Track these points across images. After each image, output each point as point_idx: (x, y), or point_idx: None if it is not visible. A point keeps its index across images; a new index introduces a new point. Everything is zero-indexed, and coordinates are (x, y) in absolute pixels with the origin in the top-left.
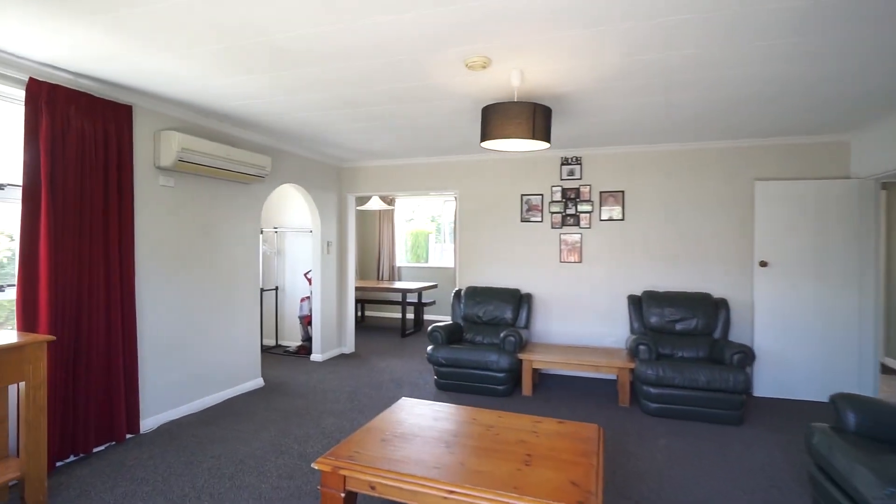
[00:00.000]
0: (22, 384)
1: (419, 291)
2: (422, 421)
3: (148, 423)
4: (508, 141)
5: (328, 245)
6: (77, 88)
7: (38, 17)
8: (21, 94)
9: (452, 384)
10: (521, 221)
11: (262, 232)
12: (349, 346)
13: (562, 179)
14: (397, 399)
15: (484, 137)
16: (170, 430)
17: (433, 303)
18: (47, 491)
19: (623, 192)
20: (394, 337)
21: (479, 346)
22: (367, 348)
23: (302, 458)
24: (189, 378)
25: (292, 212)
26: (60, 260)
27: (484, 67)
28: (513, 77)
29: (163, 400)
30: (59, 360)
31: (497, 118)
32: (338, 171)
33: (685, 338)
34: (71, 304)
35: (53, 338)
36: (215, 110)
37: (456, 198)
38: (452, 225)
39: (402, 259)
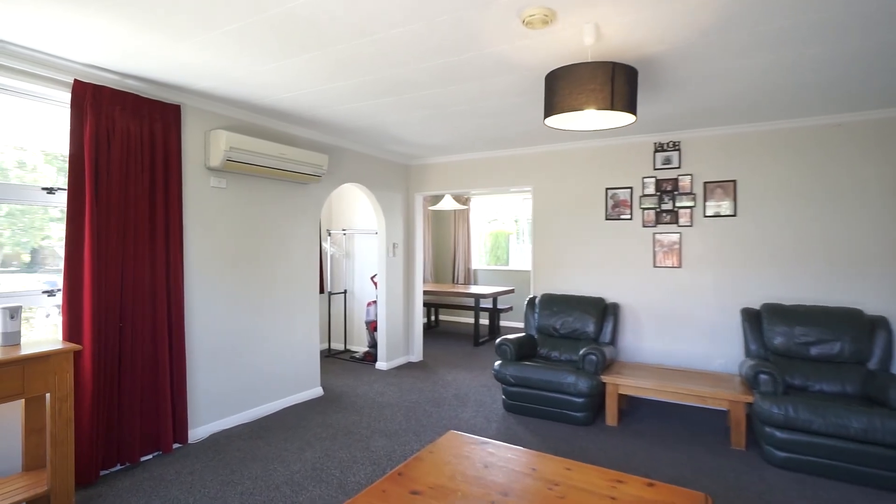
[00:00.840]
0: (48, 395)
1: (494, 297)
2: (467, 467)
3: (198, 432)
4: (580, 116)
5: (394, 247)
6: (123, 89)
7: (83, 15)
8: (67, 96)
9: (522, 406)
10: (607, 219)
11: (329, 234)
12: (416, 354)
13: (655, 169)
14: (458, 419)
15: (549, 112)
16: (218, 442)
17: (510, 309)
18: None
19: (734, 181)
20: (466, 345)
21: (555, 363)
22: (436, 357)
23: (340, 490)
24: (242, 387)
25: (361, 213)
26: (103, 264)
27: (546, 23)
28: (585, 34)
29: (214, 409)
30: (103, 367)
31: (564, 85)
32: (406, 170)
33: (825, 366)
34: (114, 309)
35: (80, 347)
36: (265, 106)
37: (531, 194)
38: (532, 222)
39: (480, 261)
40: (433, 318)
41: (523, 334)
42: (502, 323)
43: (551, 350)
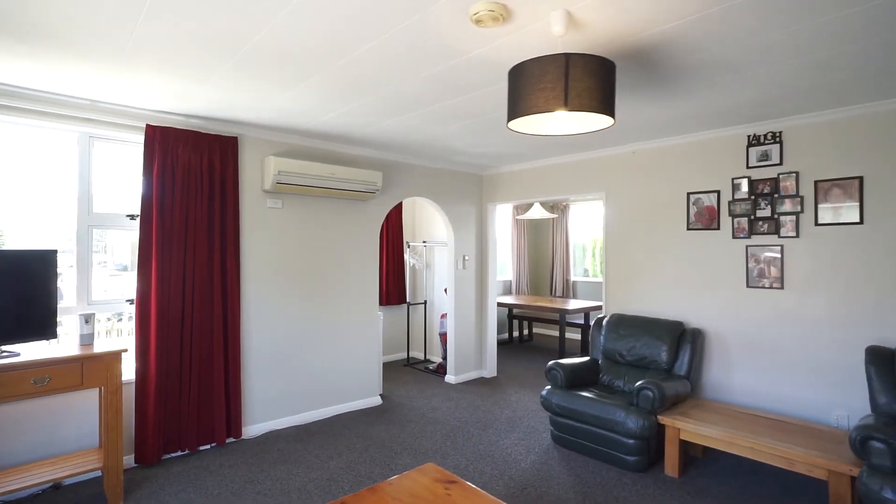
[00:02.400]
0: (101, 388)
1: (585, 312)
2: None
3: (253, 429)
4: (547, 118)
5: (463, 259)
6: (186, 128)
7: (158, 78)
8: (139, 137)
9: (569, 440)
10: (688, 230)
11: (408, 245)
12: (489, 369)
13: (749, 168)
14: (497, 445)
15: (509, 115)
16: (267, 441)
17: None
18: (138, 483)
19: (860, 178)
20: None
21: (613, 395)
22: (511, 374)
23: None
24: (297, 391)
25: (439, 224)
26: (167, 278)
27: (498, 20)
28: (553, 23)
29: (269, 409)
30: (165, 365)
31: (517, 86)
32: (478, 180)
33: None
34: (176, 316)
35: (126, 349)
36: (309, 130)
37: (603, 201)
38: None
39: (579, 273)
40: (525, 331)
41: (586, 359)
42: None
43: (614, 378)
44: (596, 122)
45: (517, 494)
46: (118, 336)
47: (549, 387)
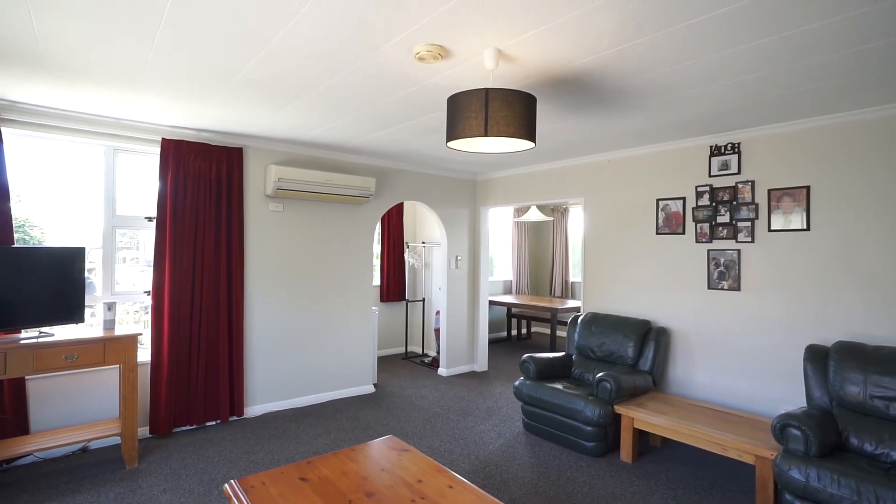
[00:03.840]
0: (120, 367)
1: (576, 312)
2: (365, 468)
3: (254, 409)
4: (475, 140)
5: (456, 260)
6: (197, 140)
7: (168, 101)
8: (156, 149)
9: (538, 427)
10: (657, 234)
11: (407, 246)
12: (481, 364)
13: (711, 176)
14: (472, 430)
15: (448, 138)
16: (266, 420)
17: None
18: (151, 450)
19: (807, 188)
20: None
21: (578, 387)
22: (502, 369)
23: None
24: (296, 377)
25: (437, 226)
26: (178, 272)
27: (438, 58)
28: (485, 59)
29: (269, 392)
30: (177, 349)
31: (451, 113)
32: (472, 185)
33: None
34: (186, 307)
35: (140, 333)
36: (307, 141)
37: (582, 205)
38: None
39: (578, 274)
40: (524, 330)
41: (561, 354)
42: None
43: (585, 372)
44: (518, 144)
45: (478, 471)
46: (145, 326)
47: (521, 378)
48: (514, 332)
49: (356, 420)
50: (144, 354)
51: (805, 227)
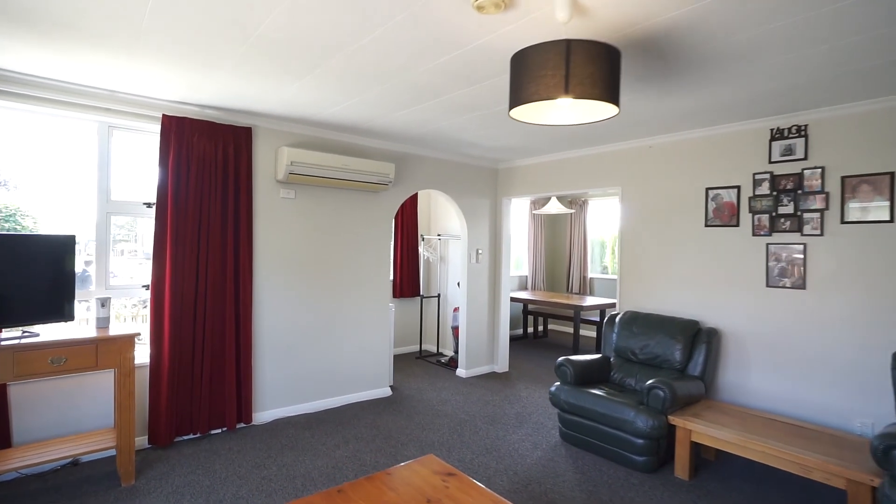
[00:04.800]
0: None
1: (601, 309)
2: (409, 499)
3: (263, 415)
4: (551, 107)
5: (477, 253)
6: (201, 118)
7: (169, 69)
8: (156, 127)
9: (577, 438)
10: (706, 226)
11: (423, 238)
12: (501, 364)
13: (772, 163)
14: (503, 440)
15: (510, 103)
16: (276, 427)
17: None
18: (150, 463)
19: (892, 174)
20: None
21: (622, 394)
22: (524, 369)
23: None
24: (308, 379)
25: (454, 217)
26: (180, 265)
27: (500, 7)
28: (557, 8)
29: (279, 396)
30: (178, 350)
31: (519, 73)
32: (493, 173)
33: None
34: (189, 303)
35: (139, 333)
36: (322, 121)
37: (619, 196)
38: None
39: (597, 270)
40: (540, 327)
41: (598, 356)
42: None
43: (626, 376)
44: (599, 110)
45: (520, 490)
46: (143, 322)
47: (557, 383)
48: (529, 330)
49: (375, 427)
50: (143, 355)
51: (889, 218)
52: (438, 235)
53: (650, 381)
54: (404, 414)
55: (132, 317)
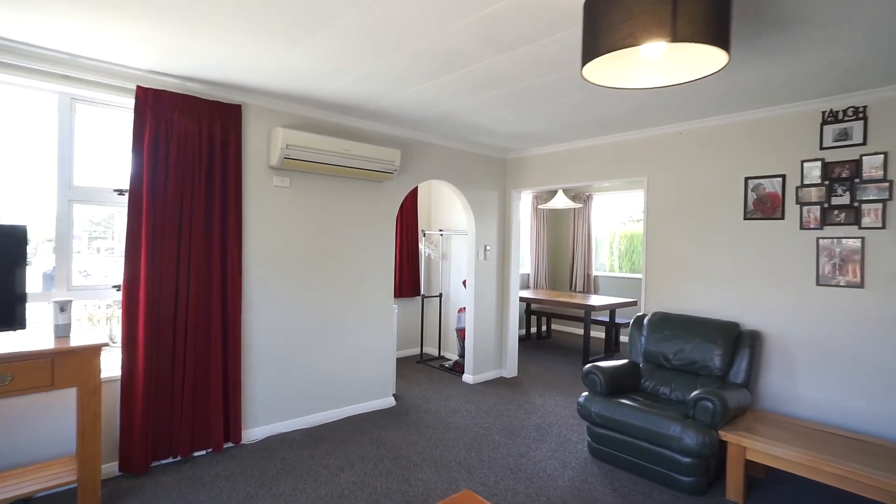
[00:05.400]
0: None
1: (611, 309)
2: None
3: (254, 433)
4: (633, 65)
5: (485, 250)
6: (183, 92)
7: (145, 26)
8: (129, 101)
9: (611, 454)
10: (745, 219)
11: (424, 234)
12: (510, 369)
13: (823, 149)
14: (527, 458)
15: (584, 57)
16: (269, 446)
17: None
18: (121, 496)
19: None
20: (574, 362)
21: (660, 404)
22: (534, 374)
23: None
24: (304, 391)
25: (458, 212)
26: (158, 261)
27: None
28: None
29: (272, 411)
30: (156, 361)
31: (602, 13)
32: (502, 164)
33: None
34: (168, 306)
35: (106, 343)
36: (322, 100)
37: (644, 187)
38: None
39: (601, 268)
40: (544, 328)
41: (625, 361)
42: (623, 338)
43: (659, 385)
44: (701, 63)
45: None
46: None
47: (586, 393)
48: (532, 331)
49: (382, 444)
50: (114, 366)
51: None
52: (440, 231)
53: (697, 392)
54: (412, 427)
55: (106, 318)
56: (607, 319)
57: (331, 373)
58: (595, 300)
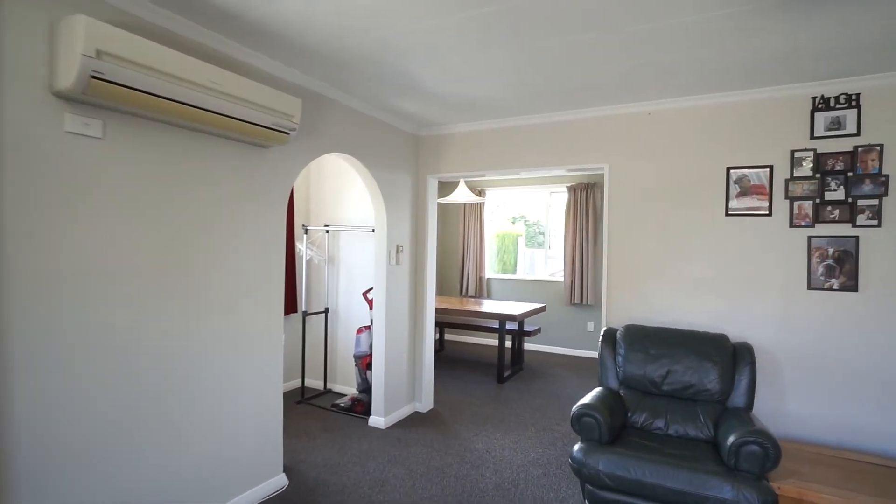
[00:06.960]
0: None
1: (521, 319)
2: None
3: None
4: None
5: (397, 251)
6: None
7: None
8: None
9: None
10: (727, 215)
11: (306, 231)
12: (425, 401)
13: (815, 138)
14: None
15: None
16: None
17: (538, 331)
18: None
19: None
20: (487, 381)
21: (677, 450)
22: (451, 404)
23: None
24: (143, 492)
25: (351, 202)
26: None
27: None
28: None
29: None
30: None
31: None
32: (414, 141)
33: None
34: None
35: None
36: None
37: (605, 176)
38: (564, 223)
39: (492, 270)
40: (437, 338)
41: (600, 389)
42: (527, 347)
43: (651, 418)
44: None
45: None
46: None
47: (581, 445)
48: None
49: None
50: None
51: None
52: (326, 227)
53: (736, 434)
54: None
55: None
56: (515, 328)
57: (176, 460)
58: (507, 309)
